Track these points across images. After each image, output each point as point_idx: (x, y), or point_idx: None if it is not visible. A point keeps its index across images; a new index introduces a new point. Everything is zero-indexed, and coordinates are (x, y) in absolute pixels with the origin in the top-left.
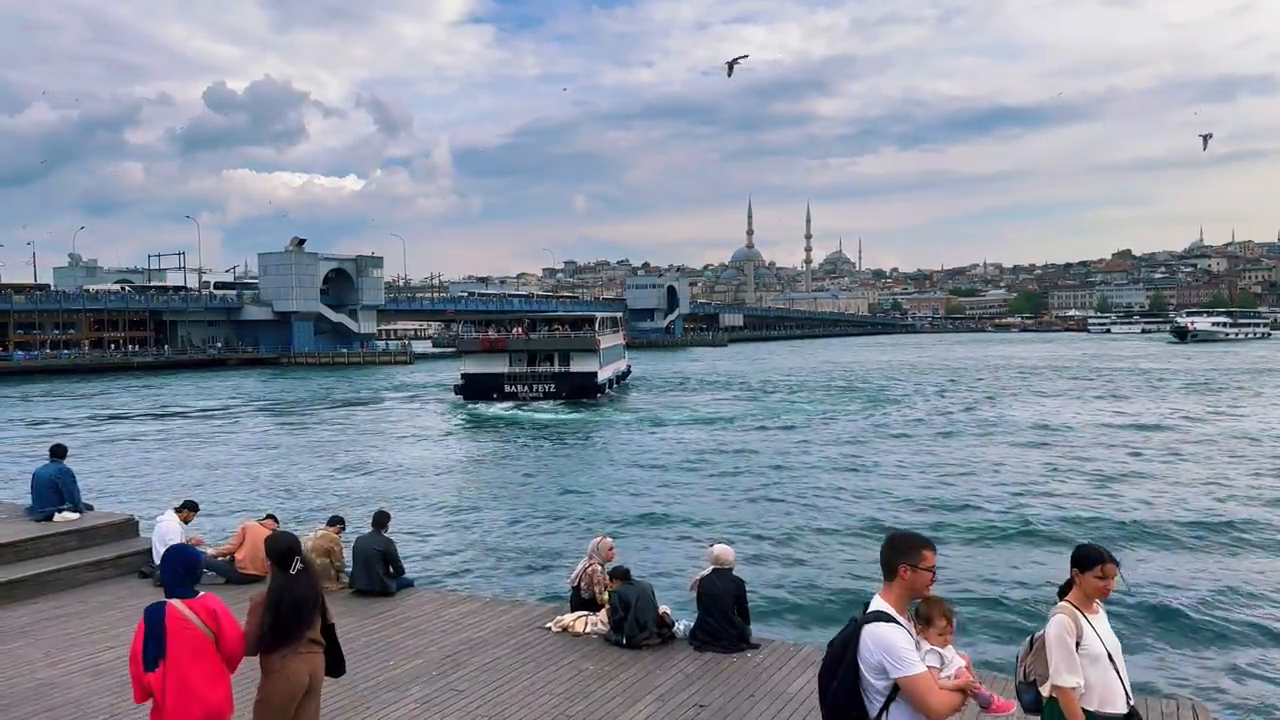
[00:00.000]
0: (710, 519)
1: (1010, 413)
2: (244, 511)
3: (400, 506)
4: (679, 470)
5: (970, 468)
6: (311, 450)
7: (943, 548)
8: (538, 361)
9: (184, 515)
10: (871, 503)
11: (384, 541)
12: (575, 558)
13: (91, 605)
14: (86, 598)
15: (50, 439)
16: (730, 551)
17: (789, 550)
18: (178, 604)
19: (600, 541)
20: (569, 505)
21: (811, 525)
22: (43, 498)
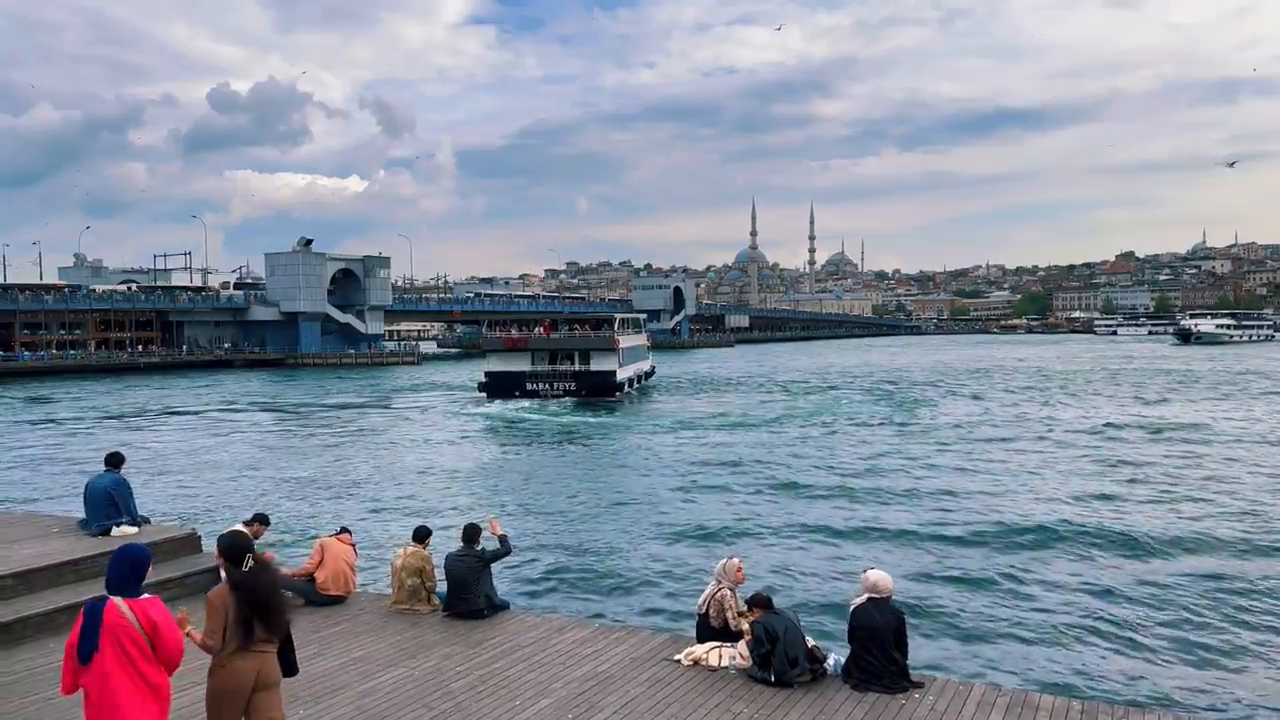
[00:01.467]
0: (787, 531)
1: (1065, 414)
2: (292, 523)
3: (440, 516)
4: (739, 477)
5: (1089, 476)
6: (338, 455)
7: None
8: (559, 360)
9: (254, 529)
10: (982, 508)
11: (477, 557)
12: (643, 575)
13: None
14: None
15: (70, 442)
16: (888, 578)
17: (913, 566)
18: (119, 602)
19: (729, 563)
20: (623, 516)
21: (930, 535)
22: (98, 510)
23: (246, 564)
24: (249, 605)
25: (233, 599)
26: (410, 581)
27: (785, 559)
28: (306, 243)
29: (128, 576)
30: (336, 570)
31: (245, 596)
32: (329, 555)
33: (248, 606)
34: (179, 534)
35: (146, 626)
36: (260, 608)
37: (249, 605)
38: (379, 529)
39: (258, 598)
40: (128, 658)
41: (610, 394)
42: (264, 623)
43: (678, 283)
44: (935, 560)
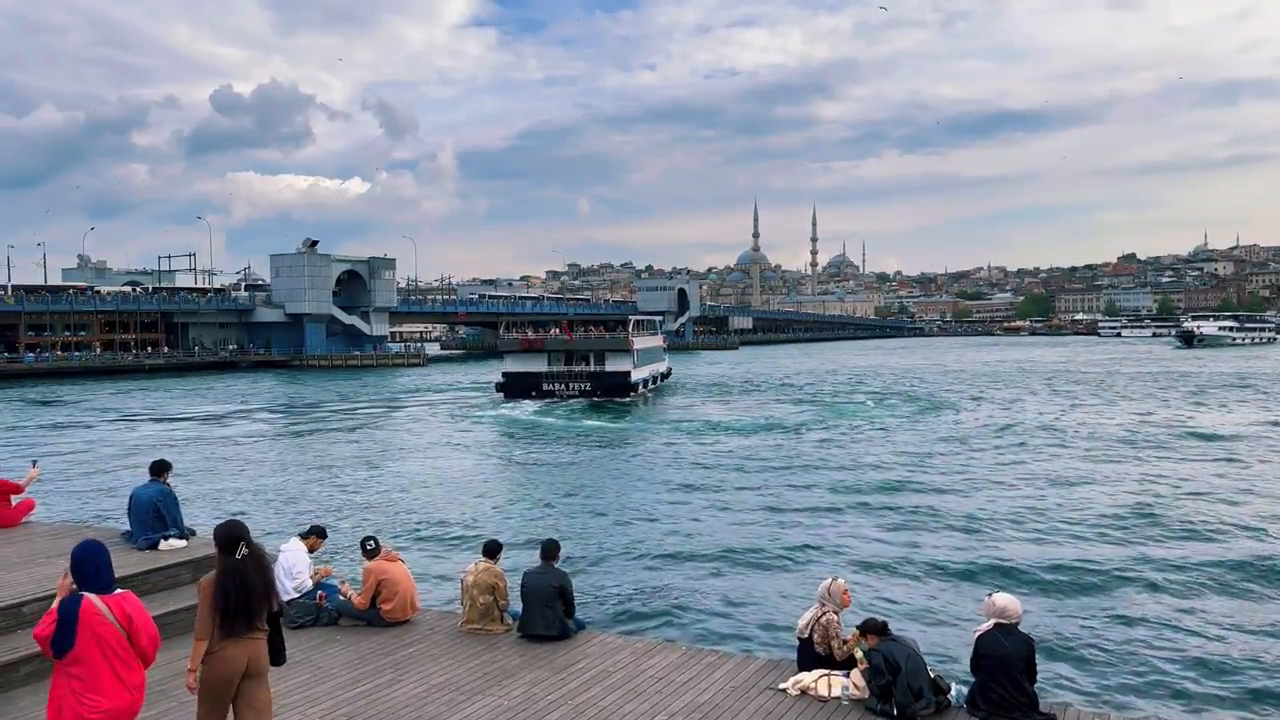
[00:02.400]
0: (846, 546)
1: (1104, 419)
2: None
3: (469, 528)
4: (786, 485)
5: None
6: (359, 460)
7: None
8: (574, 361)
9: (310, 542)
10: (1056, 521)
11: (559, 576)
12: (698, 592)
13: None
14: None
15: (88, 446)
16: (1016, 603)
17: (1010, 583)
18: (94, 598)
19: (833, 585)
20: (665, 528)
21: (1014, 547)
22: (144, 523)
23: (240, 552)
24: (240, 593)
25: (220, 585)
26: (483, 600)
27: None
28: (312, 244)
29: (100, 572)
30: (404, 598)
31: (237, 584)
32: (390, 582)
33: (239, 594)
34: None
35: (123, 621)
36: (251, 596)
37: (240, 593)
38: (410, 538)
39: (249, 586)
40: (106, 652)
41: (625, 394)
42: (255, 610)
43: (682, 284)
44: (1034, 577)
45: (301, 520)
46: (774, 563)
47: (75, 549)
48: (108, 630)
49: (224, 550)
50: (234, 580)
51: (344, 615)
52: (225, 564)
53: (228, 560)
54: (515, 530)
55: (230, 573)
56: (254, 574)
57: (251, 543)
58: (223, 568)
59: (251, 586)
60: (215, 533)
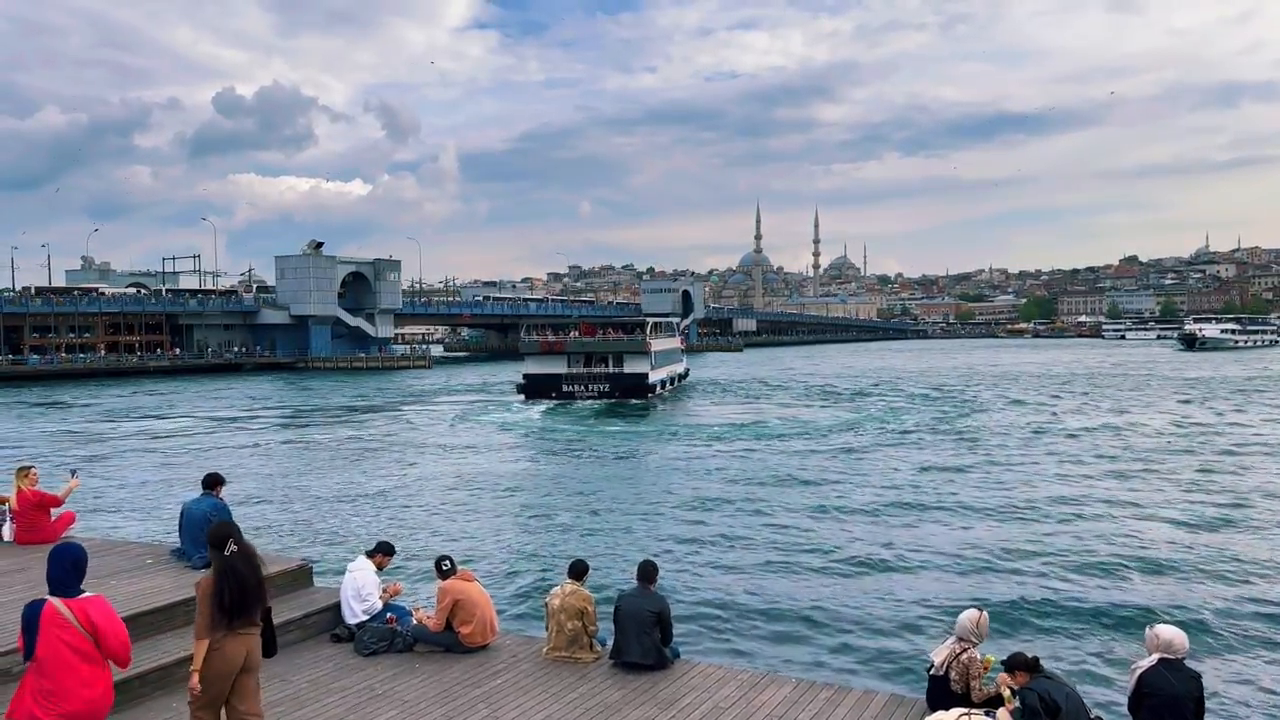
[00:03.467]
0: (920, 563)
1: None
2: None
3: (517, 541)
4: (838, 494)
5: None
6: (379, 467)
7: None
8: (593, 363)
9: (378, 560)
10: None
11: (657, 601)
12: (778, 615)
13: (298, 685)
14: (285, 673)
15: (106, 451)
16: (1183, 636)
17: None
18: (56, 603)
19: (981, 618)
20: (735, 545)
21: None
22: (197, 539)
23: (229, 549)
24: (236, 588)
25: (215, 582)
26: (571, 625)
27: (927, 598)
28: (317, 246)
29: (68, 576)
30: (484, 620)
31: (232, 580)
32: (467, 604)
33: (235, 589)
34: (289, 566)
35: (86, 625)
36: (247, 590)
37: (236, 588)
38: (462, 553)
39: (243, 581)
40: (69, 655)
41: (643, 395)
42: (250, 605)
43: (686, 286)
44: (1143, 596)
45: (332, 529)
46: (859, 581)
47: (50, 553)
48: (70, 634)
49: (214, 548)
50: (229, 576)
51: (419, 640)
52: (218, 561)
53: (220, 558)
54: (553, 544)
55: (225, 570)
56: (246, 570)
57: (240, 540)
58: (218, 566)
59: (246, 581)
60: (208, 533)
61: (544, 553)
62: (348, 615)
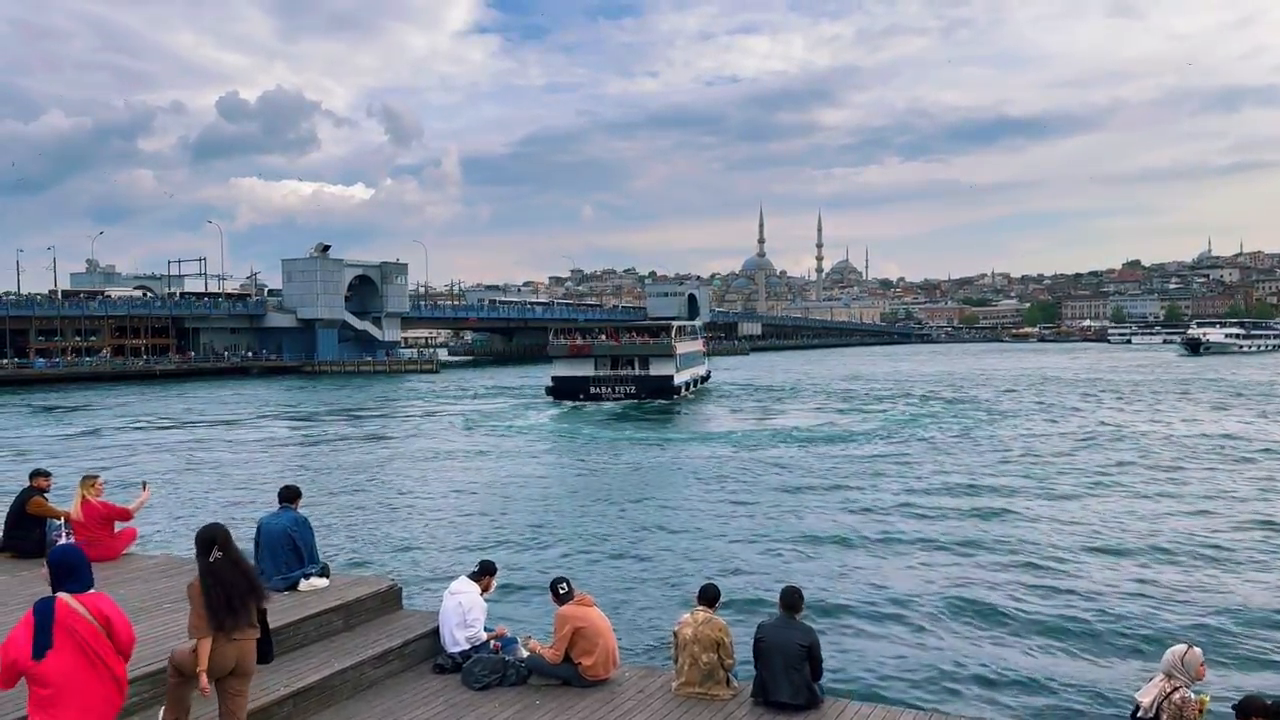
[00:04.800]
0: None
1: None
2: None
3: (566, 557)
4: (937, 509)
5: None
6: (405, 475)
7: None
8: (620, 365)
9: (484, 583)
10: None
11: (806, 632)
12: (914, 643)
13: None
14: (395, 710)
15: (124, 457)
16: None
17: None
18: (66, 597)
19: (1188, 654)
20: (828, 563)
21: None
22: (278, 557)
23: (213, 556)
24: (220, 591)
25: (204, 587)
26: (706, 659)
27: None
28: (324, 249)
29: (71, 571)
30: (606, 651)
31: (216, 583)
32: (589, 632)
33: (219, 592)
34: (378, 587)
35: (100, 619)
36: (232, 594)
37: (220, 591)
38: (514, 569)
39: (227, 585)
40: (86, 649)
41: (668, 397)
42: (239, 608)
43: (692, 290)
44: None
45: (371, 540)
46: (1028, 602)
47: (53, 552)
48: (86, 628)
49: (199, 554)
50: (212, 580)
51: (535, 672)
52: (201, 566)
53: (202, 563)
54: (609, 558)
55: (207, 574)
56: (231, 574)
57: (228, 545)
58: (201, 569)
59: (231, 585)
60: (196, 536)
61: (604, 568)
62: (449, 644)
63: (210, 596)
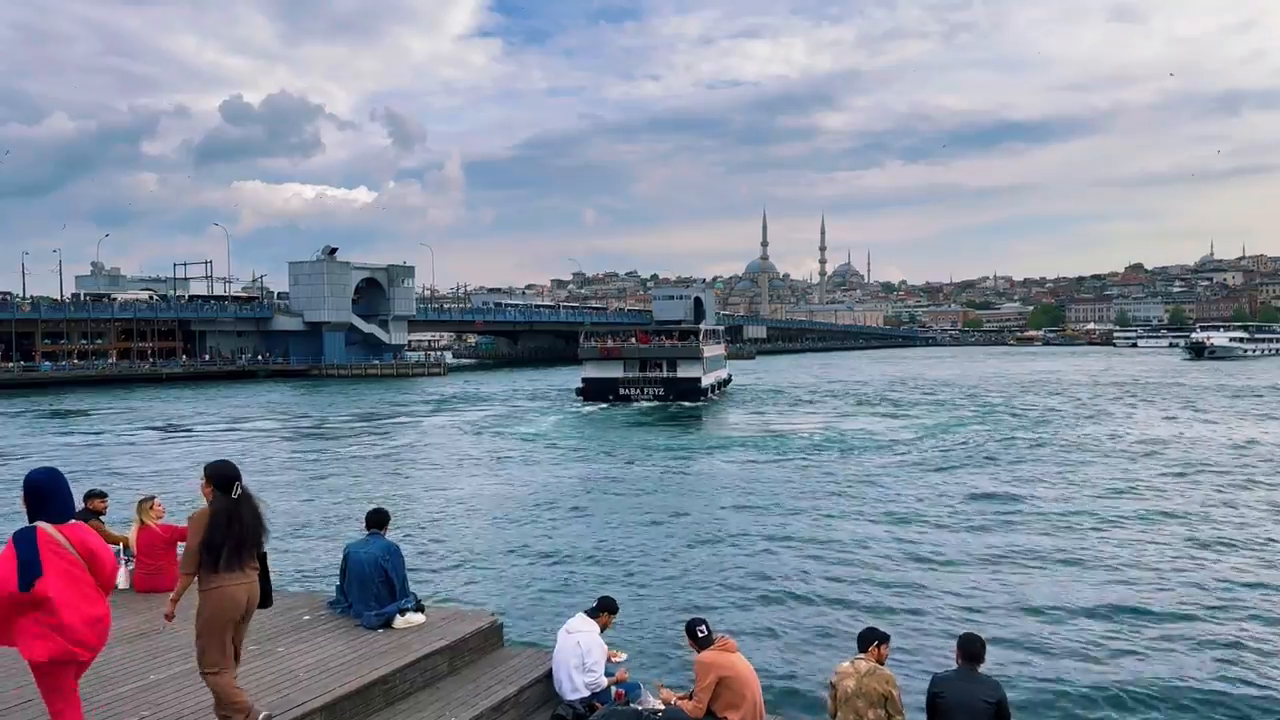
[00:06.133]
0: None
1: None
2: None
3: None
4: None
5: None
6: (433, 485)
7: None
8: (648, 368)
9: (602, 620)
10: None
11: (992, 687)
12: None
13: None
14: None
15: (141, 463)
16: None
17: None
18: (46, 526)
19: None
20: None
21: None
22: (368, 590)
23: (236, 492)
24: (237, 529)
25: (213, 522)
26: (873, 715)
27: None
28: (331, 251)
29: (53, 499)
30: (754, 704)
31: (233, 520)
32: (734, 682)
33: (235, 530)
34: (480, 623)
35: (82, 550)
36: (246, 532)
37: (237, 529)
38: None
39: (244, 523)
40: (72, 578)
41: (696, 399)
42: (249, 547)
43: (698, 293)
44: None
45: (420, 560)
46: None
47: (31, 474)
48: (68, 558)
49: (220, 489)
50: (230, 517)
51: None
52: (221, 502)
53: (223, 499)
54: (671, 582)
55: (225, 510)
56: (248, 512)
57: (245, 486)
58: (218, 506)
59: (247, 523)
60: (209, 470)
61: (690, 594)
62: (567, 690)
63: (225, 532)
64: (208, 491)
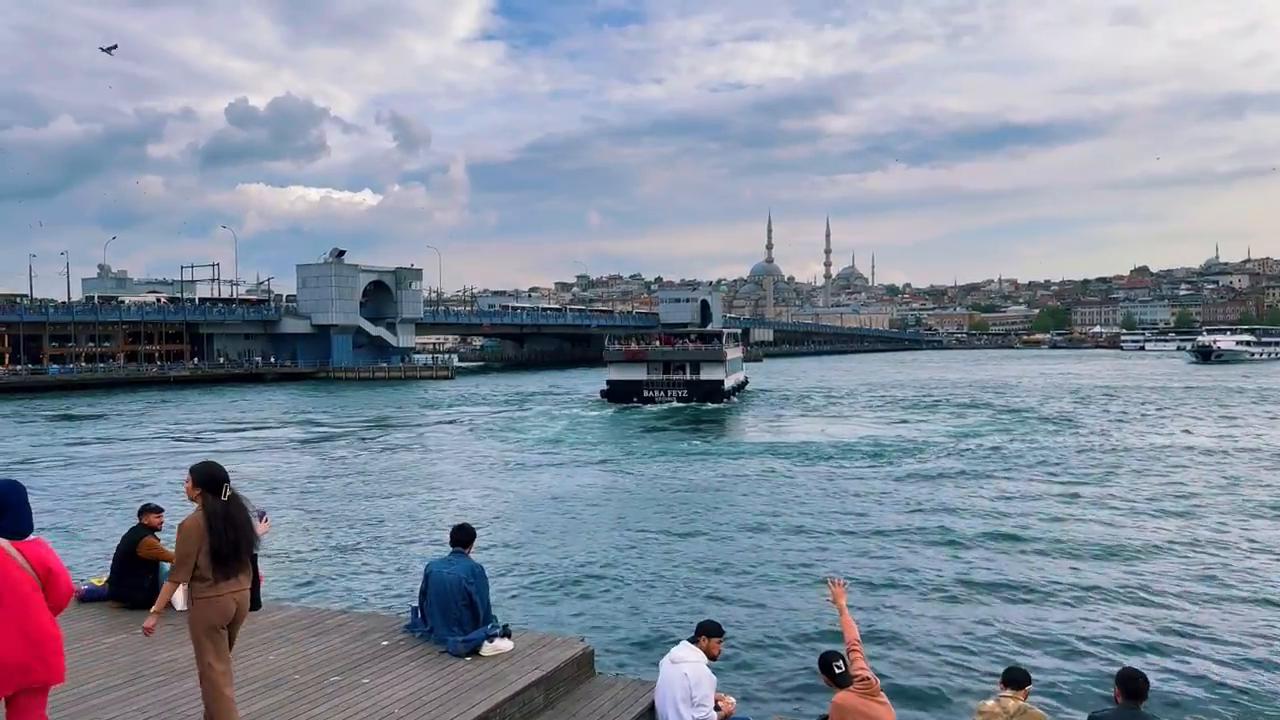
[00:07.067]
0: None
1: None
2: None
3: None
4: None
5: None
6: (490, 492)
7: None
8: (672, 370)
9: (707, 645)
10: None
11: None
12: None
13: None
14: None
15: (132, 463)
16: None
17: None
18: (3, 542)
19: None
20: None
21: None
22: (450, 614)
23: (225, 494)
24: (230, 533)
25: (210, 527)
26: None
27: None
28: (339, 254)
29: (24, 516)
30: None
31: (226, 524)
32: None
33: (229, 534)
34: (573, 651)
35: (39, 569)
36: (240, 536)
37: (230, 533)
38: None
39: (237, 526)
40: (21, 597)
41: (719, 400)
42: (244, 551)
43: (705, 296)
44: None
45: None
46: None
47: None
48: (22, 577)
49: (209, 490)
50: (223, 521)
51: None
52: (212, 505)
53: (214, 501)
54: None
55: (218, 514)
56: (240, 515)
57: (231, 486)
58: (210, 509)
59: (240, 526)
60: (197, 472)
61: (782, 617)
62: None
63: (221, 537)
64: (195, 494)
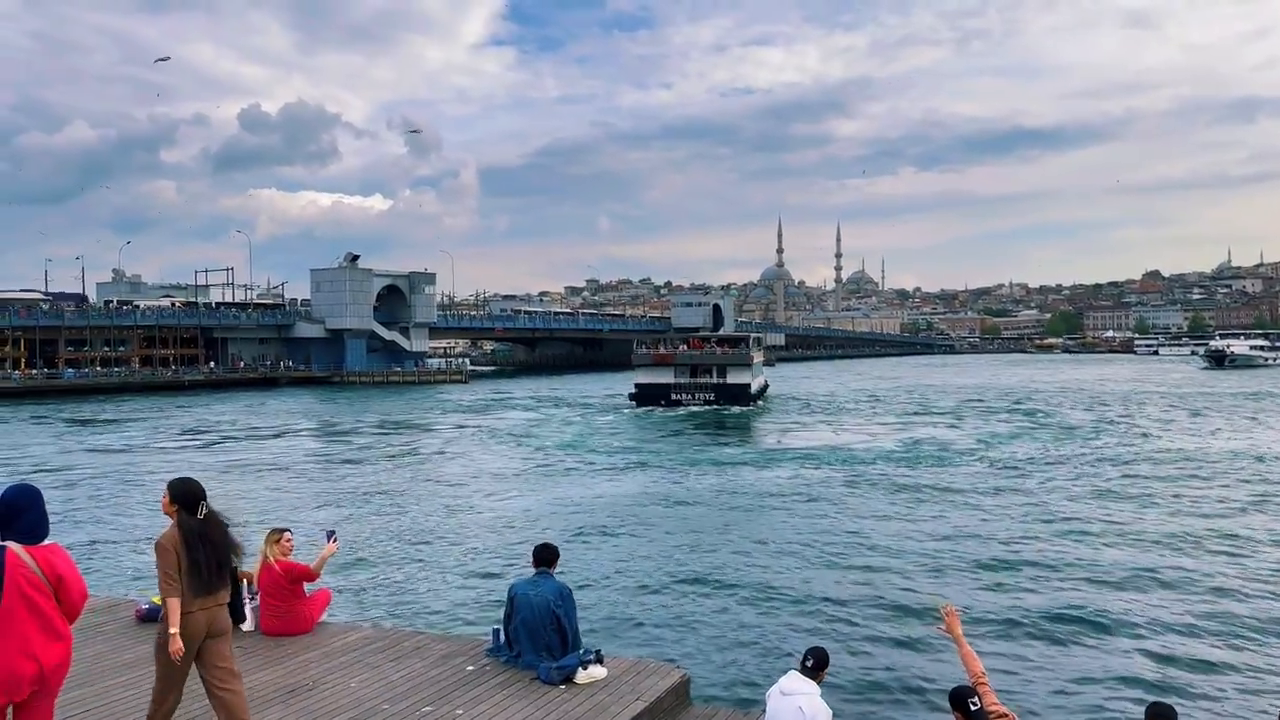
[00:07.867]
0: None
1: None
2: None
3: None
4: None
5: None
6: (524, 500)
7: None
8: (699, 374)
9: (819, 676)
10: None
11: None
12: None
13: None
14: None
15: (158, 470)
16: None
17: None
18: (16, 547)
19: None
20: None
21: None
22: (539, 640)
23: (201, 512)
24: (208, 550)
25: (187, 545)
26: None
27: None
28: (353, 258)
29: (22, 519)
30: None
31: (206, 545)
32: None
33: (207, 551)
34: (671, 679)
35: (50, 575)
36: (219, 553)
37: (208, 550)
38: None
39: (215, 543)
40: (32, 604)
41: (745, 403)
42: (223, 568)
43: (717, 300)
44: None
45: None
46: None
47: (5, 490)
48: (35, 583)
49: (186, 508)
50: (200, 539)
51: None
52: (188, 523)
53: (190, 519)
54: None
55: (195, 532)
56: (218, 532)
57: (208, 504)
58: (186, 527)
59: (218, 544)
60: (174, 489)
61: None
62: None
63: (197, 554)
64: (171, 511)
